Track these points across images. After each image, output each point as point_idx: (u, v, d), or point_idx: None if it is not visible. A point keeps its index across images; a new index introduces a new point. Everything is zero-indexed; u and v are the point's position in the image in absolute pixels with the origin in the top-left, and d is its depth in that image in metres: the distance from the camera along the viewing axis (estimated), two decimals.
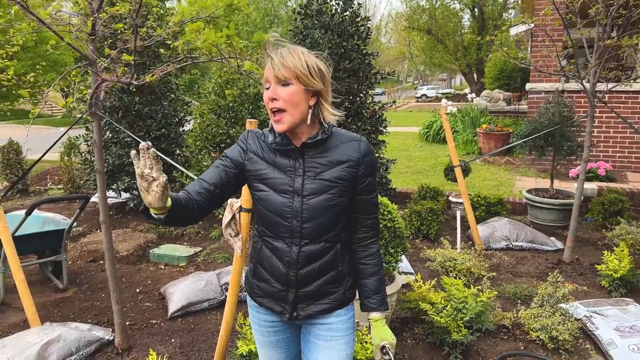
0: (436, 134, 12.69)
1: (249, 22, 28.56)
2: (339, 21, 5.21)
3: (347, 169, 1.61)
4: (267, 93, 1.54)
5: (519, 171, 8.91)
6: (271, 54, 1.53)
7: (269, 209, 1.62)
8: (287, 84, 1.51)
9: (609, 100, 7.79)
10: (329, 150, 1.61)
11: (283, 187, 1.60)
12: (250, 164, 1.65)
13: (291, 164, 1.61)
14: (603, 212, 5.75)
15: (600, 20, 4.26)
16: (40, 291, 4.30)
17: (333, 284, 1.69)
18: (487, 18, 24.84)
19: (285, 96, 1.51)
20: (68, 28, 2.71)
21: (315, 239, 1.62)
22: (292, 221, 1.60)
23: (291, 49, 1.54)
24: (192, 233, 5.86)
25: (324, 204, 1.59)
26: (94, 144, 3.03)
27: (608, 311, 3.53)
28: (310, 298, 1.69)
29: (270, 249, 1.67)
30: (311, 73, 1.53)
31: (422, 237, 5.50)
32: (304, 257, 1.63)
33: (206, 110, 5.94)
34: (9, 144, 8.19)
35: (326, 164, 1.60)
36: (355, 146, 1.63)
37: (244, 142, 1.68)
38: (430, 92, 39.67)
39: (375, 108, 5.59)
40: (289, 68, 1.50)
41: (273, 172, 1.62)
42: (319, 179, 1.60)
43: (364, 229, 1.72)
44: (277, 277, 1.67)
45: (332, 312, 1.72)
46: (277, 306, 1.72)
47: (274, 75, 1.51)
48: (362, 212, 1.70)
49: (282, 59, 1.50)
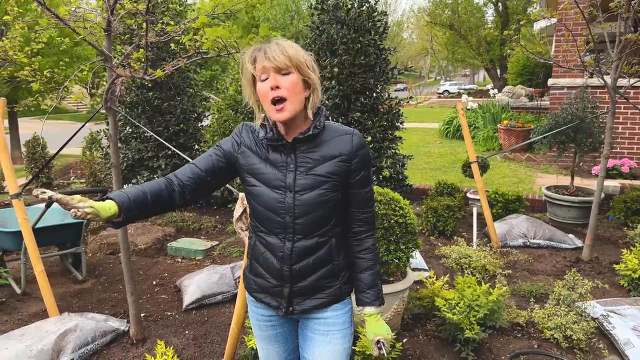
0: (456, 130, 12.57)
1: (270, 18, 28.62)
2: (355, 16, 5.19)
3: (340, 163, 1.60)
4: (267, 83, 1.52)
5: (540, 168, 8.77)
6: (264, 47, 1.53)
7: (262, 204, 1.63)
8: (288, 73, 1.52)
9: (633, 97, 7.60)
10: (321, 145, 1.61)
11: (275, 182, 1.60)
12: (243, 157, 1.65)
13: (283, 160, 1.61)
14: (625, 210, 5.63)
15: (622, 13, 4.15)
16: (60, 282, 4.40)
17: (328, 278, 1.69)
18: (511, 13, 24.40)
19: (288, 85, 1.51)
20: (84, 24, 2.76)
21: (309, 235, 1.62)
22: (284, 217, 1.60)
23: (285, 41, 1.55)
24: (209, 227, 5.93)
25: (317, 200, 1.59)
26: (109, 139, 3.09)
27: (626, 310, 3.46)
28: (306, 293, 1.69)
29: (263, 245, 1.68)
30: (307, 64, 1.55)
31: (438, 233, 5.46)
32: (298, 253, 1.63)
33: (223, 105, 6.00)
34: (34, 138, 8.39)
35: (318, 159, 1.60)
36: (348, 140, 1.61)
37: (239, 135, 1.69)
38: (453, 88, 39.25)
39: (391, 104, 5.56)
40: (290, 57, 1.51)
41: (266, 168, 1.62)
42: (311, 174, 1.59)
43: (358, 223, 1.71)
44: (272, 272, 1.68)
45: (329, 306, 1.71)
46: (273, 301, 1.72)
47: (273, 65, 1.50)
48: (356, 207, 1.69)
49: (282, 49, 1.51)
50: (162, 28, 3.12)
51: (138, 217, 1.54)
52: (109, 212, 1.42)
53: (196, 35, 2.91)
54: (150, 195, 1.54)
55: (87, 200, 1.39)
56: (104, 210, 1.41)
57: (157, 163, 6.58)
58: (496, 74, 26.08)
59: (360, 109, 5.30)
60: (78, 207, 1.35)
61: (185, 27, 3.14)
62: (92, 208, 1.37)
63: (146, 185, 1.57)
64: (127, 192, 1.51)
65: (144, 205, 1.52)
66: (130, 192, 1.51)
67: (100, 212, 1.39)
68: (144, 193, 1.53)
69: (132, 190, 1.53)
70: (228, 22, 23.08)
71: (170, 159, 6.66)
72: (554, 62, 5.18)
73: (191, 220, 6.00)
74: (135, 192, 1.52)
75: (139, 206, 1.50)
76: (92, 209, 1.37)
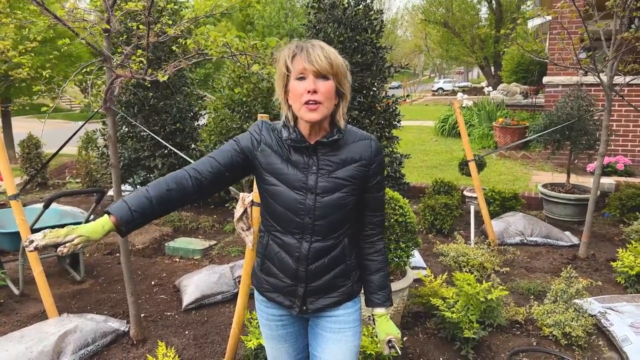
0: (452, 128, 12.60)
1: (265, 16, 28.57)
2: (352, 15, 5.19)
3: (360, 167, 1.62)
4: (304, 84, 1.51)
5: (535, 166, 8.81)
6: (307, 47, 1.52)
7: (282, 204, 1.62)
8: (327, 79, 1.52)
9: (627, 94, 7.65)
10: (341, 149, 1.62)
11: (296, 183, 1.60)
12: (263, 156, 1.63)
13: (305, 161, 1.61)
14: (621, 208, 5.67)
15: (617, 12, 4.18)
16: (58, 283, 4.38)
17: (342, 277, 1.71)
18: (505, 10, 24.50)
19: (325, 90, 1.51)
20: (83, 25, 2.75)
21: (326, 236, 1.64)
22: (304, 218, 1.61)
23: (327, 46, 1.54)
24: (207, 227, 5.92)
25: (337, 202, 1.61)
26: (109, 139, 3.08)
27: (623, 307, 3.49)
28: (320, 292, 1.70)
29: (278, 244, 1.68)
30: (344, 73, 1.56)
31: (436, 231, 5.48)
32: (314, 253, 1.64)
33: (220, 104, 5.99)
34: (29, 138, 8.33)
35: (339, 162, 1.61)
36: (367, 145, 1.64)
37: (258, 132, 1.65)
38: (447, 85, 39.41)
39: (388, 102, 5.57)
40: (332, 64, 1.51)
41: (287, 168, 1.61)
42: (332, 177, 1.60)
43: (371, 225, 1.74)
44: (287, 272, 1.68)
45: (340, 305, 1.74)
46: (287, 300, 1.73)
47: (315, 69, 1.49)
48: (370, 210, 1.72)
49: (326, 54, 1.51)
50: (162, 28, 3.11)
51: (144, 224, 1.53)
52: (101, 233, 1.44)
53: (195, 33, 2.90)
54: (155, 200, 1.51)
55: (75, 229, 1.40)
56: (95, 233, 1.43)
57: (154, 162, 6.56)
58: (490, 71, 26.18)
59: (358, 108, 5.31)
60: (65, 243, 1.37)
61: (185, 27, 3.13)
62: (80, 237, 1.39)
63: (156, 184, 1.54)
64: (130, 201, 1.49)
65: (148, 212, 1.50)
66: (133, 201, 1.49)
67: (91, 237, 1.41)
68: (149, 200, 1.51)
69: (135, 198, 1.50)
70: (223, 20, 23.04)
71: (167, 158, 6.64)
72: (550, 60, 5.20)
73: (189, 220, 5.99)
74: (138, 200, 1.50)
75: (142, 215, 1.49)
76: (81, 238, 1.39)
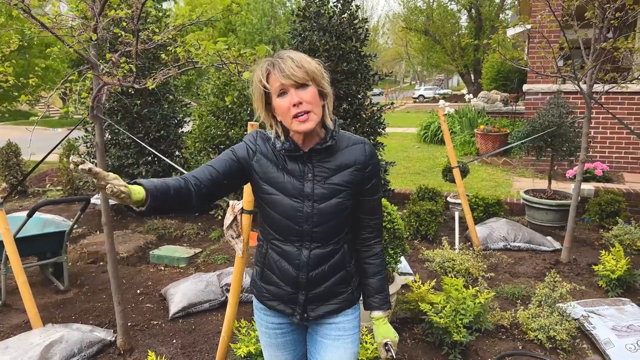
0: (434, 135, 12.75)
1: (247, 23, 28.57)
2: (337, 23, 5.24)
3: (355, 172, 1.64)
4: (286, 99, 1.53)
5: (516, 172, 8.95)
6: (278, 63, 1.53)
7: (280, 212, 1.63)
8: (306, 86, 1.53)
9: (605, 102, 7.84)
10: (335, 154, 1.64)
11: (293, 191, 1.61)
12: (259, 165, 1.65)
13: (301, 169, 1.62)
14: (600, 213, 5.79)
15: (596, 23, 4.29)
16: (41, 293, 4.31)
17: (342, 284, 1.72)
18: (485, 19, 24.92)
19: (308, 97, 1.53)
20: (70, 32, 2.73)
21: (325, 242, 1.65)
22: (303, 225, 1.62)
23: (296, 53, 1.56)
24: (191, 234, 5.88)
25: (335, 208, 1.62)
26: (96, 147, 3.06)
27: (605, 311, 3.57)
28: (321, 299, 1.71)
29: (278, 253, 1.69)
30: (321, 74, 1.57)
31: (421, 237, 5.53)
32: (314, 260, 1.65)
33: (205, 111, 5.97)
34: (8, 145, 8.19)
35: (334, 168, 1.63)
36: (361, 149, 1.66)
37: (254, 142, 1.67)
38: (428, 92, 39.80)
39: (373, 110, 5.62)
40: (307, 70, 1.52)
41: (284, 177, 1.62)
42: (329, 184, 1.62)
43: (368, 229, 1.76)
44: (287, 280, 1.69)
45: (340, 312, 1.75)
46: (287, 308, 1.73)
47: (293, 81, 1.51)
48: (367, 213, 1.73)
49: (297, 63, 1.52)
50: (149, 36, 3.10)
51: (160, 207, 1.46)
52: (138, 196, 1.36)
53: (185, 42, 2.90)
54: (172, 188, 1.47)
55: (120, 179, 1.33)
56: (135, 192, 1.36)
57: (138, 170, 6.50)
58: (470, 79, 26.55)
59: (344, 115, 5.34)
60: (114, 184, 1.29)
61: (171, 34, 3.13)
62: (126, 187, 1.32)
63: (166, 180, 1.52)
64: (152, 180, 1.46)
65: (166, 196, 1.45)
66: (154, 180, 1.47)
67: (132, 194, 1.34)
68: (167, 185, 1.47)
69: (155, 180, 1.48)
70: (205, 28, 22.95)
71: (151, 166, 6.59)
72: (531, 68, 5.31)
73: (173, 228, 5.94)
74: (159, 182, 1.47)
75: (163, 196, 1.44)
76: (126, 189, 1.32)
